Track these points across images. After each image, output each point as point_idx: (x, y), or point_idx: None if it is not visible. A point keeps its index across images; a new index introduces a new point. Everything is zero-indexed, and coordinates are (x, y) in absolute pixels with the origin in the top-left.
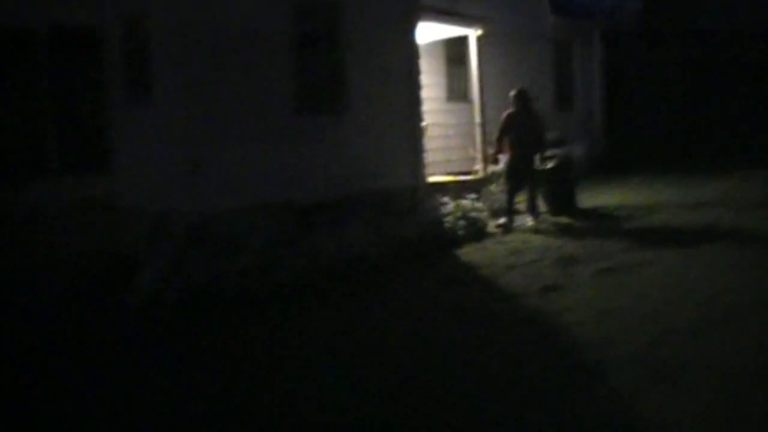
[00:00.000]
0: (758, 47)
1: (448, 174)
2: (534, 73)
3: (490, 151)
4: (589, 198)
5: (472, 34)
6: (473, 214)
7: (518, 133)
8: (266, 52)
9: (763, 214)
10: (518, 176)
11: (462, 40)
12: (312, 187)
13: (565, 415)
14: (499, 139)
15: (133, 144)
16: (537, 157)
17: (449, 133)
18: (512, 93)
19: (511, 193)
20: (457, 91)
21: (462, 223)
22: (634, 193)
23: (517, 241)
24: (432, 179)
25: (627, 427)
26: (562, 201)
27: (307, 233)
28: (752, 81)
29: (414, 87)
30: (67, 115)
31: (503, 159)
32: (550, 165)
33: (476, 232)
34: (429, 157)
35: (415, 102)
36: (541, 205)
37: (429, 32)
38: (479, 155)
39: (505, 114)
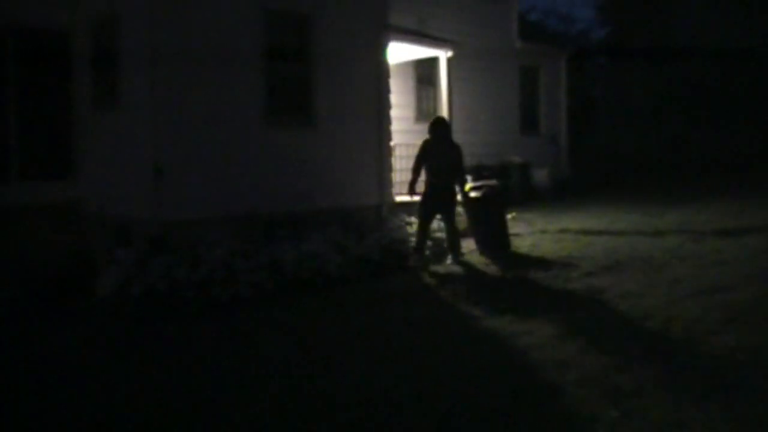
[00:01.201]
0: (729, 65)
1: (415, 194)
2: (500, 96)
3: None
4: (549, 223)
5: (443, 55)
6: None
7: (434, 162)
8: (236, 61)
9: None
10: (432, 209)
11: (432, 62)
12: (276, 200)
13: None
14: (415, 169)
15: (98, 149)
16: (455, 189)
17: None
18: (433, 120)
19: (422, 227)
20: (426, 111)
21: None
22: (595, 220)
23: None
24: (399, 199)
25: None
26: (492, 239)
27: (269, 245)
28: (724, 99)
29: (383, 106)
30: (32, 119)
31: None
32: (474, 195)
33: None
34: (396, 176)
35: (384, 120)
36: (467, 244)
37: (400, 53)
38: None
39: (422, 142)
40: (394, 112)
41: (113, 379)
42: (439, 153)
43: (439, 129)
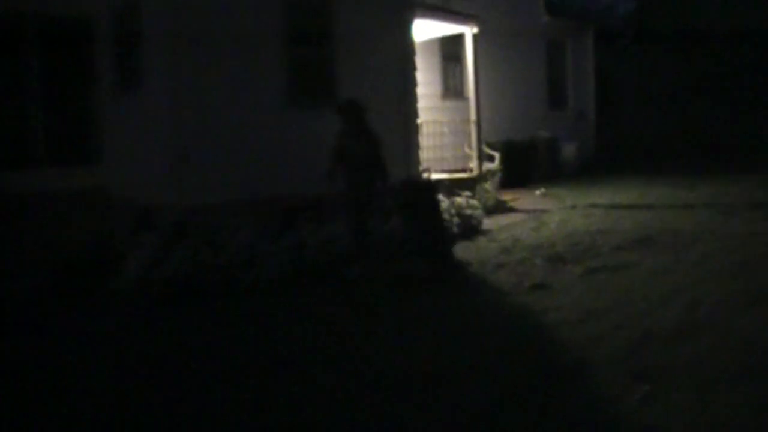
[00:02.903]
0: (753, 48)
1: (443, 171)
2: (527, 72)
3: (485, 149)
4: (578, 198)
5: (468, 31)
6: (468, 212)
7: (350, 155)
8: (256, 43)
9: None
10: (358, 207)
11: (457, 38)
12: (297, 183)
13: None
14: (331, 167)
15: (121, 135)
16: (372, 186)
17: (444, 131)
18: (339, 104)
19: (355, 228)
20: (452, 88)
21: (456, 220)
22: (624, 194)
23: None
24: (427, 176)
25: None
26: (428, 243)
27: (291, 229)
28: (747, 81)
29: (409, 84)
30: (56, 105)
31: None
32: (403, 193)
33: (470, 229)
34: (424, 154)
35: (410, 99)
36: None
37: (425, 30)
38: (474, 153)
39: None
40: (420, 90)
41: (132, 363)
42: (355, 144)
43: (352, 114)
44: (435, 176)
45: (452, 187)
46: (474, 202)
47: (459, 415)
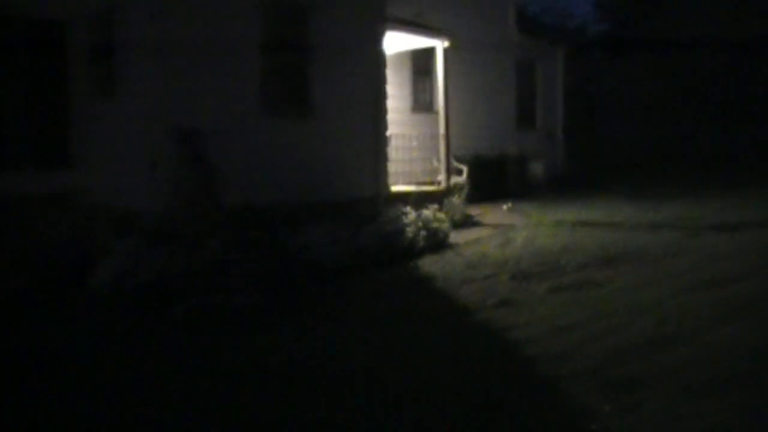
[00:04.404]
0: (728, 59)
1: (411, 184)
2: (497, 88)
3: (454, 163)
4: (544, 215)
5: (440, 45)
6: (435, 225)
7: (185, 189)
8: (233, 52)
9: None
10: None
11: (429, 52)
12: (273, 192)
13: None
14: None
15: (97, 140)
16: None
17: (413, 144)
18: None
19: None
20: (422, 102)
21: (423, 233)
22: (590, 213)
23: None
24: (395, 189)
25: None
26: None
27: (266, 237)
28: (722, 92)
29: (380, 96)
30: (30, 109)
31: None
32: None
33: (437, 243)
34: (392, 167)
35: (380, 111)
36: None
37: (397, 43)
38: (443, 166)
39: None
40: (390, 103)
41: (96, 370)
42: (190, 174)
43: (184, 144)
44: (403, 188)
45: (420, 199)
46: (441, 215)
47: None
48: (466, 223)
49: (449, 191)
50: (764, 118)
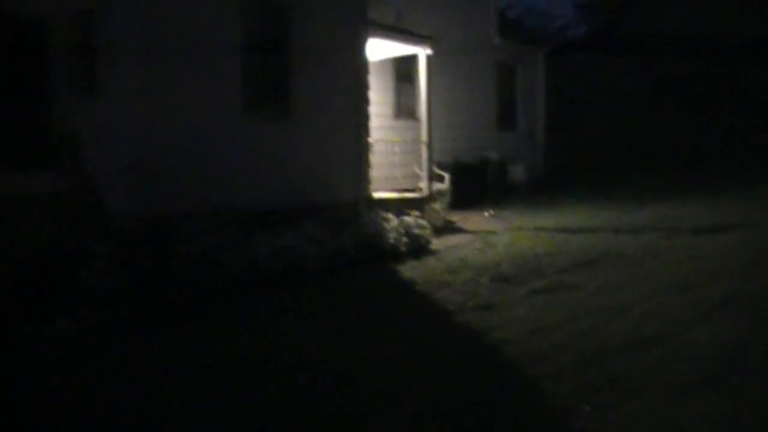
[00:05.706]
0: (711, 58)
1: (393, 190)
2: (478, 92)
3: (435, 170)
4: (525, 220)
5: (422, 53)
6: (416, 231)
7: None
8: (214, 53)
9: None
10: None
11: (411, 59)
12: (254, 194)
13: None
14: None
15: (79, 141)
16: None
17: (395, 150)
18: None
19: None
20: (404, 108)
21: (404, 240)
22: (571, 217)
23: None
24: (376, 195)
25: None
26: None
27: (247, 239)
28: (698, 97)
29: (362, 102)
30: (9, 109)
31: None
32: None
33: (418, 248)
34: (374, 172)
35: (362, 117)
36: None
37: (380, 50)
38: (424, 173)
39: None
40: (372, 109)
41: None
42: None
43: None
44: (385, 195)
45: (402, 206)
46: (423, 221)
47: None
48: (447, 229)
49: (431, 198)
50: (745, 116)
